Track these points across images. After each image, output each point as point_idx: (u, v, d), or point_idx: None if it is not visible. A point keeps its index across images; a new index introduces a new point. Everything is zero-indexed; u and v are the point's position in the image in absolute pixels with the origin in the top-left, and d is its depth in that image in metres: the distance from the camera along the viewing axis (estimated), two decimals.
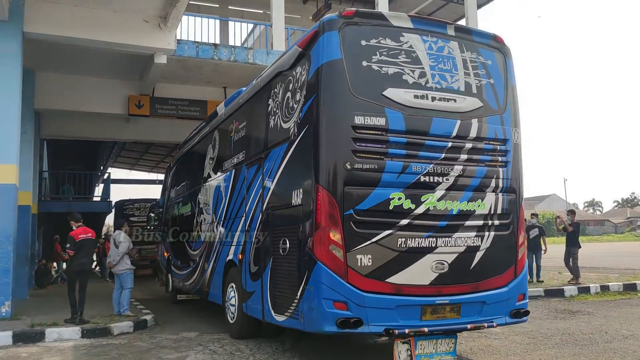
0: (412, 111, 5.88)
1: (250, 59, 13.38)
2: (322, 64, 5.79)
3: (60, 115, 16.74)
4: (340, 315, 5.38)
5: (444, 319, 5.76)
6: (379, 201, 5.64)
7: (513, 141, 6.40)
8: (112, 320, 9.37)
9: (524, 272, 6.40)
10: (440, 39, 6.24)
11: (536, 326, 8.66)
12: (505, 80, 6.55)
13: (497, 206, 6.17)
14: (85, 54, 13.02)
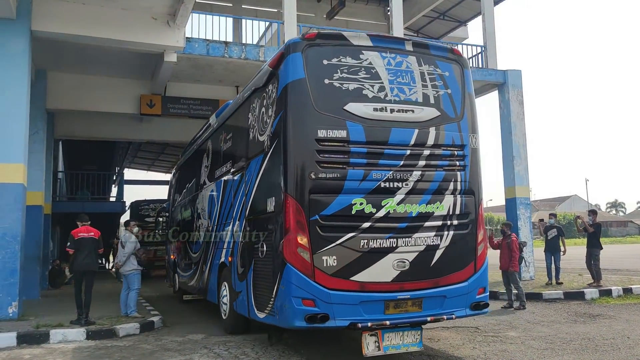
0: (372, 123, 6.39)
1: (262, 57, 13.18)
2: (288, 83, 6.36)
3: (74, 115, 16.75)
4: (309, 311, 5.90)
5: (406, 313, 6.24)
6: (342, 207, 6.16)
7: (471, 146, 6.88)
8: (118, 321, 9.23)
9: (483, 267, 6.77)
10: (398, 55, 6.76)
11: (555, 330, 8.31)
12: (462, 90, 6.99)
13: (456, 207, 6.65)
14: (96, 54, 12.94)
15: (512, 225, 11.99)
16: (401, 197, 6.36)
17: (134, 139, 19.59)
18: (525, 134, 15.60)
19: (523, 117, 15.66)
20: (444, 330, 8.54)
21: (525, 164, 15.45)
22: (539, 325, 8.83)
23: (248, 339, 8.13)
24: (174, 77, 14.61)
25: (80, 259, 9.10)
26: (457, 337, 7.97)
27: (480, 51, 16.44)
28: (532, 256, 15.12)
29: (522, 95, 15.76)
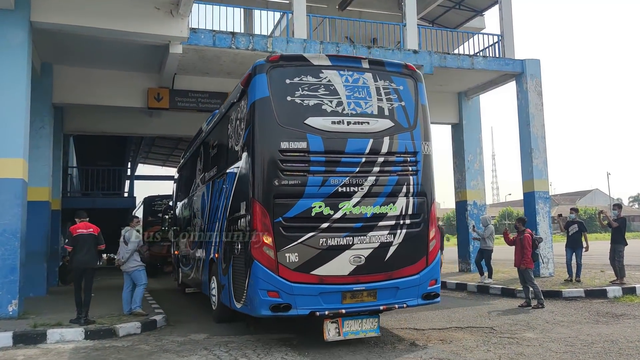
0: (330, 134, 7.15)
1: (270, 48, 12.81)
2: (255, 101, 7.17)
3: (83, 110, 16.54)
4: (273, 302, 6.77)
5: (362, 302, 7.05)
6: (302, 210, 6.97)
7: (423, 153, 7.60)
8: (119, 320, 8.95)
9: (435, 261, 7.58)
10: (355, 72, 7.52)
11: (575, 332, 7.83)
12: (415, 102, 7.76)
13: (409, 208, 7.41)
14: (102, 47, 12.68)
15: (527, 220, 11.47)
16: (357, 200, 7.16)
17: (143, 133, 19.34)
18: (543, 125, 15.03)
19: (542, 108, 15.09)
20: (457, 331, 8.12)
21: (544, 157, 14.90)
22: (559, 325, 8.35)
23: (251, 339, 7.81)
24: (181, 69, 14.32)
25: (79, 256, 8.84)
26: (471, 339, 7.54)
27: (497, 40, 15.89)
28: (551, 252, 14.57)
29: (541, 85, 15.19)
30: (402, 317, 9.54)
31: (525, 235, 10.51)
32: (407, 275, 7.29)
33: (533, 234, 10.75)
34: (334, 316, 6.97)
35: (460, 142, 17.43)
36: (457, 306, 10.75)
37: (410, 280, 7.30)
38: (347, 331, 7.06)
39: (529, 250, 10.38)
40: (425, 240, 7.51)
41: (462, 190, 17.30)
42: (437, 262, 7.67)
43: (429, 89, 16.81)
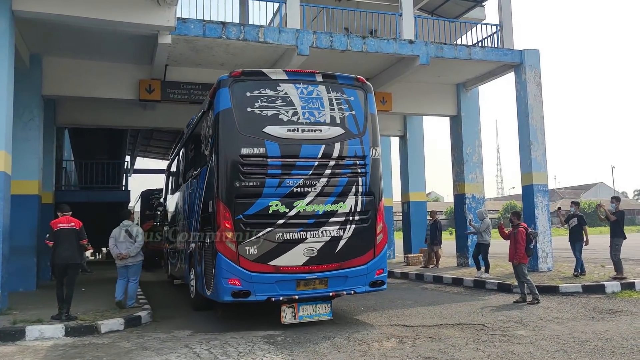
0: (286, 141, 8.02)
1: (261, 38, 12.53)
2: (219, 112, 8.02)
3: (75, 102, 16.30)
4: (234, 289, 7.65)
5: (314, 289, 7.96)
6: (261, 208, 7.85)
7: (372, 156, 8.49)
8: (103, 316, 8.75)
9: (382, 253, 8.50)
10: (310, 85, 8.38)
11: (569, 329, 7.58)
12: (365, 111, 8.63)
13: (357, 206, 8.30)
14: (91, 37, 12.44)
15: (521, 214, 11.22)
16: (310, 199, 8.02)
17: (137, 126, 19.07)
18: (543, 117, 14.72)
19: (541, 99, 14.77)
20: (448, 328, 7.88)
21: (543, 149, 14.59)
22: (553, 322, 8.10)
23: (235, 337, 7.60)
24: (173, 61, 14.07)
25: (60, 252, 8.57)
26: (461, 336, 7.30)
27: (496, 30, 15.57)
28: (550, 246, 14.29)
29: (540, 76, 14.86)
30: (394, 313, 9.32)
31: (520, 229, 10.25)
32: (355, 266, 8.21)
33: (528, 229, 10.48)
34: (289, 302, 7.88)
35: (458, 134, 17.13)
36: (451, 302, 10.52)
37: (358, 269, 8.23)
38: (303, 315, 8.01)
39: (522, 245, 10.13)
40: (373, 234, 8.42)
41: (460, 183, 17.02)
42: (384, 253, 8.61)
43: (427, 80, 16.82)
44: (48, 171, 15.84)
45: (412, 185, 20.19)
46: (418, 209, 19.99)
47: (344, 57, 13.91)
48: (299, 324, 8.16)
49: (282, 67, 13.78)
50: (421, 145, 20.44)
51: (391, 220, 22.04)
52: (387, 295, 11.60)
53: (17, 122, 13.00)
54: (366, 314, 9.33)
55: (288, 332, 7.80)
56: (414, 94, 16.81)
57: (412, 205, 20.08)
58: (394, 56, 13.95)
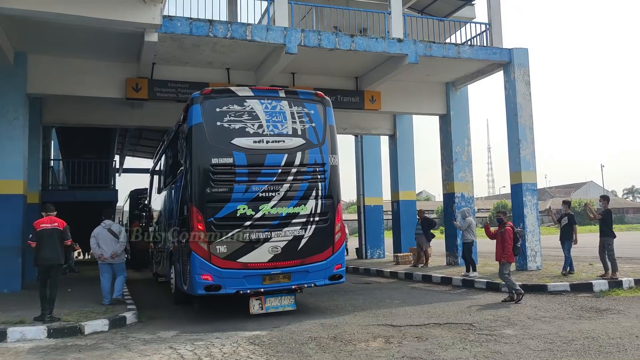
0: (252, 151, 8.91)
1: (249, 36, 12.44)
2: (191, 126, 8.92)
3: (62, 101, 16.09)
4: (207, 283, 8.49)
5: (278, 283, 8.88)
6: (230, 211, 8.71)
7: (330, 164, 9.39)
8: (87, 317, 8.63)
9: (340, 249, 9.41)
10: (274, 100, 9.30)
11: (556, 328, 7.56)
12: (324, 123, 9.52)
13: (317, 208, 9.16)
14: (77, 35, 12.29)
15: (507, 213, 11.25)
16: (274, 203, 8.90)
17: (125, 125, 18.90)
18: (532, 115, 14.73)
19: (530, 98, 14.78)
20: (435, 328, 7.83)
21: (532, 148, 14.60)
22: (540, 321, 8.08)
23: (220, 337, 7.53)
24: (160, 59, 13.95)
25: (43, 252, 8.47)
26: (448, 336, 7.26)
27: (485, 29, 15.56)
28: (539, 245, 14.30)
29: (529, 75, 14.86)
30: (381, 312, 9.26)
31: (507, 228, 10.23)
32: (316, 261, 9.08)
33: (515, 228, 10.46)
34: (255, 294, 8.77)
35: (448, 133, 17.11)
36: (439, 301, 10.48)
37: (318, 265, 9.10)
38: (269, 306, 8.92)
39: (509, 244, 10.11)
40: (332, 233, 9.30)
41: (449, 182, 17.00)
42: (342, 250, 9.51)
43: (416, 79, 16.78)
44: (34, 171, 15.65)
45: (402, 184, 20.16)
46: (408, 208, 19.97)
47: (332, 55, 13.85)
48: (287, 325, 8.16)
49: (271, 66, 13.75)
50: (411, 144, 20.42)
51: (381, 219, 22.00)
52: (375, 295, 11.56)
53: (2, 120, 12.89)
54: (353, 313, 9.27)
55: (274, 332, 7.73)
56: (404, 93, 16.77)
57: (402, 204, 20.06)
58: (382, 55, 13.90)
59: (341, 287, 13.20)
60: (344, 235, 9.59)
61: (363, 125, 19.72)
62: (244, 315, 9.23)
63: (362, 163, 21.84)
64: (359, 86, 16.10)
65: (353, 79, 16.12)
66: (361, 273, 16.96)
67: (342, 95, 15.75)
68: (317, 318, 8.87)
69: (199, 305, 10.23)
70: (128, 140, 25.74)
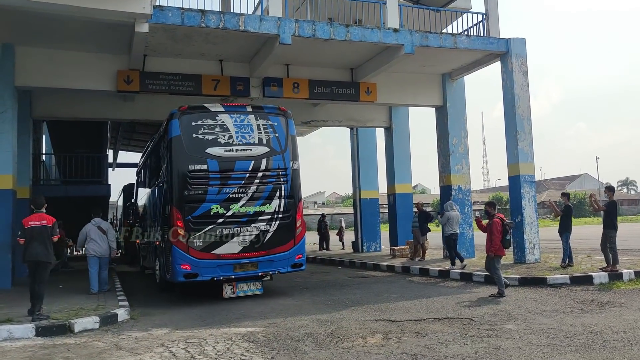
0: (223, 159, 10.28)
1: (242, 26, 12.16)
2: (171, 137, 10.29)
3: (52, 94, 15.83)
4: (185, 272, 9.86)
5: (247, 271, 10.29)
6: (204, 210, 10.05)
7: (292, 168, 10.77)
8: (77, 314, 8.41)
9: (301, 242, 10.84)
10: (242, 114, 10.66)
11: (558, 322, 7.39)
12: (286, 133, 10.92)
13: (281, 206, 10.54)
14: (66, 26, 12.00)
15: (496, 204, 11.09)
16: (243, 202, 10.24)
17: (117, 118, 18.55)
18: (529, 106, 14.54)
19: (527, 88, 14.57)
20: (434, 323, 7.65)
21: (529, 139, 14.41)
22: (541, 315, 7.90)
23: (214, 334, 7.33)
24: (152, 51, 13.67)
25: (31, 249, 8.33)
26: (448, 331, 7.08)
27: (482, 19, 15.31)
28: (537, 237, 14.14)
29: (526, 65, 14.66)
30: (379, 307, 9.08)
31: (495, 220, 10.00)
32: (280, 252, 10.45)
33: (504, 219, 10.24)
34: (227, 281, 10.25)
35: (444, 125, 16.91)
36: (437, 295, 10.31)
37: (282, 255, 10.47)
38: (240, 290, 10.41)
39: (497, 237, 9.87)
40: (294, 228, 10.67)
41: (446, 174, 16.81)
42: (303, 242, 10.88)
43: (412, 70, 16.55)
44: (24, 165, 15.34)
45: (397, 177, 19.96)
46: (404, 201, 19.77)
47: (327, 46, 13.61)
48: (283, 321, 7.96)
49: (265, 57, 13.49)
50: (407, 137, 20.21)
51: (377, 212, 21.81)
52: (372, 289, 11.38)
53: None
54: (350, 308, 9.08)
55: (269, 329, 7.54)
56: (399, 84, 16.54)
57: (398, 197, 19.85)
58: (378, 45, 13.65)
59: (337, 281, 13.05)
60: (304, 229, 10.95)
61: (358, 118, 19.48)
62: (238, 311, 9.05)
63: (357, 156, 21.61)
64: (354, 78, 15.86)
65: (348, 70, 15.87)
66: (358, 267, 16.78)
67: (337, 87, 15.51)
68: (314, 313, 8.69)
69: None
70: (121, 134, 25.42)
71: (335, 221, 51.66)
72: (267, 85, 14.85)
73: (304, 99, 15.35)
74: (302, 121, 19.11)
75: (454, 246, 13.68)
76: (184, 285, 10.62)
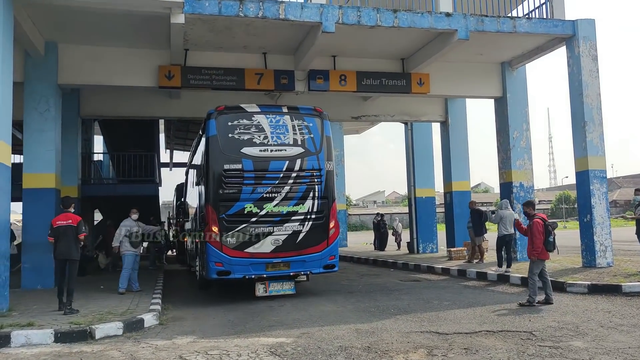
0: (258, 159, 10.30)
1: (282, 15, 11.52)
2: (208, 137, 10.39)
3: (98, 92, 15.73)
4: (218, 269, 9.99)
5: (279, 270, 10.25)
6: (238, 209, 10.12)
7: (326, 169, 10.71)
8: (102, 319, 7.96)
9: (334, 243, 10.70)
10: (277, 115, 10.68)
11: (637, 340, 6.29)
12: (321, 134, 10.84)
13: (314, 207, 10.50)
14: (105, 21, 11.81)
15: (535, 203, 10.01)
16: (276, 202, 10.27)
17: (163, 116, 18.42)
18: (599, 94, 13.17)
19: (597, 74, 13.20)
20: (487, 337, 6.71)
21: (599, 131, 13.04)
22: (616, 331, 6.80)
23: (240, 344, 6.69)
24: (193, 45, 13.28)
25: (59, 248, 8.91)
26: (503, 348, 6.13)
27: (545, 1, 14.05)
28: (609, 239, 12.78)
29: (596, 49, 13.29)
30: (427, 316, 8.18)
31: (535, 220, 8.95)
32: (312, 253, 10.40)
33: (546, 219, 9.11)
34: (259, 279, 10.26)
35: (504, 117, 15.69)
36: (494, 303, 9.29)
37: (314, 255, 10.42)
38: (272, 289, 10.38)
39: (538, 239, 8.82)
40: (327, 228, 10.62)
41: (506, 170, 15.60)
42: (336, 243, 10.76)
43: (468, 59, 15.41)
44: (72, 164, 15.30)
45: (454, 174, 18.83)
46: (462, 199, 18.54)
47: (374, 34, 12.76)
48: (318, 331, 7.25)
49: (308, 47, 12.81)
50: (464, 131, 19.04)
51: (434, 211, 20.72)
52: (423, 295, 10.48)
53: (32, 112, 12.53)
54: (395, 317, 8.23)
55: (301, 340, 6.82)
56: (454, 75, 15.47)
57: (455, 195, 18.73)
58: (429, 31, 12.67)
59: (387, 285, 12.21)
60: (337, 230, 10.85)
61: (412, 112, 18.49)
62: (273, 317, 8.40)
63: (412, 152, 20.58)
64: (405, 68, 14.92)
65: (399, 60, 14.95)
66: (411, 269, 15.82)
67: (387, 79, 14.63)
68: (353, 322, 7.90)
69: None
70: (173, 133, 25.43)
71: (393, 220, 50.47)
72: (312, 78, 14.18)
73: (352, 91, 14.55)
74: (352, 116, 18.37)
75: (506, 248, 12.67)
76: (219, 282, 10.87)
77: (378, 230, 24.58)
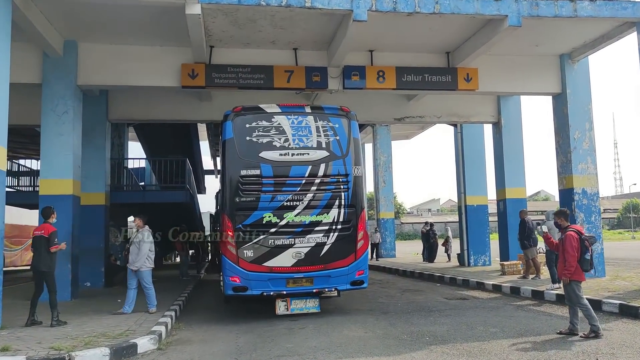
0: (278, 163, 9.51)
1: (308, 2, 10.40)
2: (224, 140, 9.78)
3: (127, 96, 15.25)
4: (234, 284, 9.20)
5: (301, 287, 9.39)
6: (256, 219, 9.33)
7: (354, 175, 9.77)
8: (90, 343, 6.99)
9: (363, 256, 9.69)
10: (300, 116, 9.88)
11: None
12: (348, 136, 9.92)
13: (340, 216, 9.56)
14: (123, 18, 11.16)
15: (569, 213, 8.27)
16: (298, 211, 9.34)
17: (194, 120, 17.66)
18: None
19: None
20: None
21: None
22: None
23: None
24: (218, 41, 12.40)
25: (32, 259, 8.75)
26: None
27: None
28: None
29: None
30: (466, 347, 6.81)
31: (568, 233, 7.42)
32: (338, 267, 9.38)
33: (582, 232, 7.54)
34: (278, 296, 9.32)
35: (564, 116, 14.01)
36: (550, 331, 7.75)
37: (340, 270, 9.39)
38: (294, 307, 9.44)
39: (572, 255, 7.28)
40: (354, 240, 9.57)
41: (566, 175, 13.90)
42: (365, 256, 9.74)
43: (521, 51, 13.73)
44: (99, 170, 14.75)
45: (508, 180, 17.22)
46: (516, 207, 16.69)
47: (412, 23, 11.49)
48: None
49: (341, 40, 11.67)
50: (519, 132, 17.41)
51: (486, 221, 19.10)
52: (466, 318, 9.08)
53: (50, 115, 11.96)
54: (428, 348, 6.90)
55: None
56: (506, 69, 13.95)
57: (509, 203, 17.10)
58: (475, 18, 11.25)
59: (428, 304, 10.85)
60: (367, 242, 9.88)
61: (460, 112, 17.03)
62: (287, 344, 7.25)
63: (462, 157, 19.12)
64: (450, 62, 13.53)
65: (443, 54, 13.58)
66: (459, 285, 14.33)
67: (430, 74, 13.30)
68: (378, 354, 6.64)
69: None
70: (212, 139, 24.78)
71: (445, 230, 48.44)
72: (347, 75, 13.03)
73: (391, 89, 13.28)
74: (395, 118, 17.14)
75: (555, 263, 11.00)
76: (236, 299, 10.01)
77: (427, 240, 23.05)
